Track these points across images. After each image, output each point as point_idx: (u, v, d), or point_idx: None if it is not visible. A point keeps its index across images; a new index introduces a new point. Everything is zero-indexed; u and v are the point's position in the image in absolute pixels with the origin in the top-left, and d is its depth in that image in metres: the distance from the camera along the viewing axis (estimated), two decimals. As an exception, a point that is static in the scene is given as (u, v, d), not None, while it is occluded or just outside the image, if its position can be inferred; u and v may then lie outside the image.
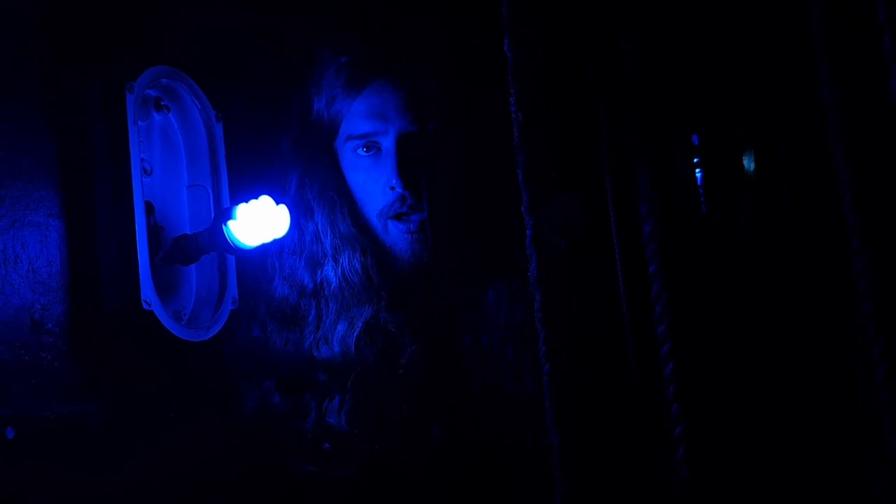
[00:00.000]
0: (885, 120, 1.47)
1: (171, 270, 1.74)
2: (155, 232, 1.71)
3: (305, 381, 1.82)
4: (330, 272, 1.84)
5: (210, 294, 1.78)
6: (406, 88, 1.82)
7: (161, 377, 1.68)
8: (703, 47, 1.91)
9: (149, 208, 1.71)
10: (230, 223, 1.64)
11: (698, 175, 2.35)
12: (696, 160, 2.37)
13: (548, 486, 1.29)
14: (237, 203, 1.68)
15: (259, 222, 1.67)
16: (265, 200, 1.68)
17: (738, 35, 1.90)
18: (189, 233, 1.75)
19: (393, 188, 1.82)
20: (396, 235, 1.85)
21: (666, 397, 1.53)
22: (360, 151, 1.85)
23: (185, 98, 1.77)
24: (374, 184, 1.85)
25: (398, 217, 1.84)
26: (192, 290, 1.78)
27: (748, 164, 2.33)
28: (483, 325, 1.81)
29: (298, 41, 1.87)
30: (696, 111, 1.98)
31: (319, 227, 1.85)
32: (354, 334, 1.80)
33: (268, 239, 1.68)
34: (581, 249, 1.55)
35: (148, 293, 1.60)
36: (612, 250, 1.61)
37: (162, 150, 1.77)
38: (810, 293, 1.91)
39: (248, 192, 1.72)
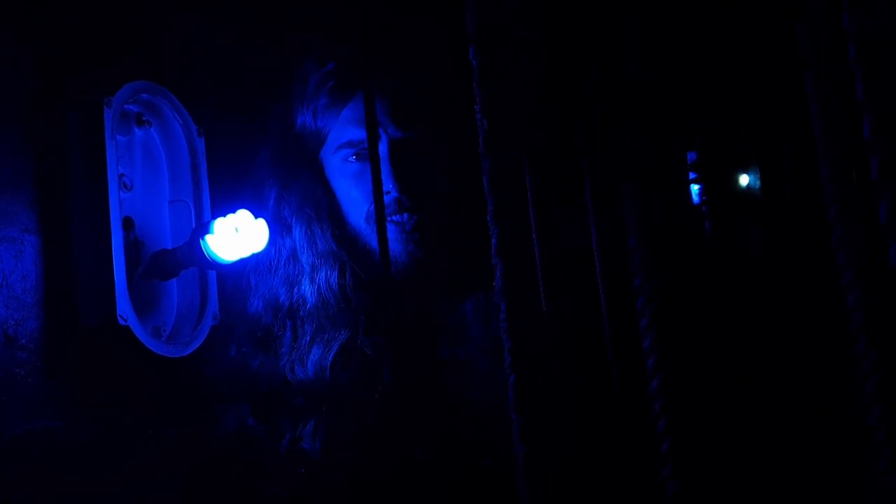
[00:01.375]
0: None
1: (151, 286, 1.73)
2: (135, 247, 1.71)
3: (280, 404, 1.78)
4: (306, 291, 1.80)
5: (191, 310, 1.77)
6: (396, 93, 1.79)
7: (138, 393, 1.67)
8: (706, 50, 1.89)
9: (129, 224, 1.70)
10: (207, 237, 1.63)
11: (695, 190, 2.34)
12: (693, 176, 2.37)
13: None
14: (217, 218, 1.67)
15: (237, 236, 1.65)
16: (243, 214, 1.66)
17: (741, 38, 1.89)
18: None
19: (388, 192, 1.78)
20: (389, 236, 1.78)
21: (653, 412, 1.50)
22: (351, 159, 1.82)
23: (167, 113, 1.76)
24: (363, 190, 1.81)
25: (392, 221, 1.80)
26: (173, 306, 1.77)
27: (747, 171, 2.31)
28: (462, 337, 1.78)
29: (281, 53, 1.86)
30: (698, 114, 1.97)
31: (297, 243, 1.82)
32: (330, 357, 1.76)
33: (246, 253, 1.67)
34: (557, 259, 1.53)
35: (124, 308, 1.59)
36: (592, 260, 1.58)
37: (144, 166, 1.76)
38: (805, 299, 1.88)
39: (230, 208, 1.70)
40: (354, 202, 1.83)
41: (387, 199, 1.79)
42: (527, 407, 1.15)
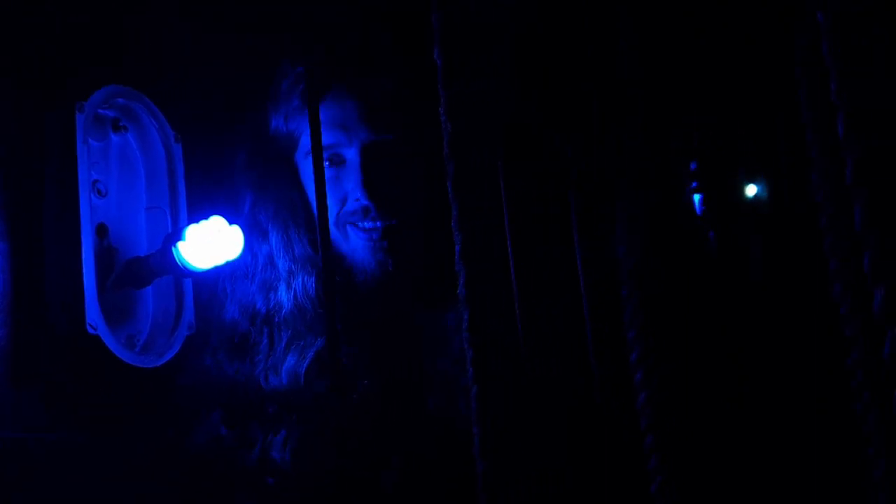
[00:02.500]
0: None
1: (125, 294, 1.69)
2: (108, 254, 1.67)
3: (253, 412, 1.73)
4: (283, 297, 1.76)
5: (166, 319, 1.73)
6: (368, 96, 1.74)
7: (109, 404, 1.63)
8: (704, 47, 1.85)
9: (103, 230, 1.67)
10: (179, 245, 1.60)
11: (698, 198, 2.30)
12: (695, 184, 2.33)
13: None
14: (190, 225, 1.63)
15: (210, 244, 1.61)
16: (216, 221, 1.63)
17: (739, 35, 1.85)
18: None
19: (357, 199, 1.74)
20: (357, 244, 1.76)
21: (640, 427, 1.45)
22: (328, 164, 1.77)
23: (143, 118, 1.73)
24: (334, 194, 1.75)
25: (361, 229, 1.76)
26: (148, 315, 1.73)
27: (754, 180, 2.26)
28: (441, 349, 1.73)
29: (256, 57, 1.82)
30: (696, 111, 1.93)
31: (274, 249, 1.78)
32: (304, 365, 1.71)
33: (220, 261, 1.63)
34: (534, 266, 1.49)
35: (94, 316, 1.55)
36: (575, 267, 1.54)
37: (120, 172, 1.73)
38: (803, 306, 1.82)
39: (207, 214, 1.67)
40: (330, 207, 1.77)
41: (355, 205, 1.75)
42: (489, 421, 1.10)
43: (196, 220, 1.66)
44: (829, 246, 1.46)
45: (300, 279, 1.75)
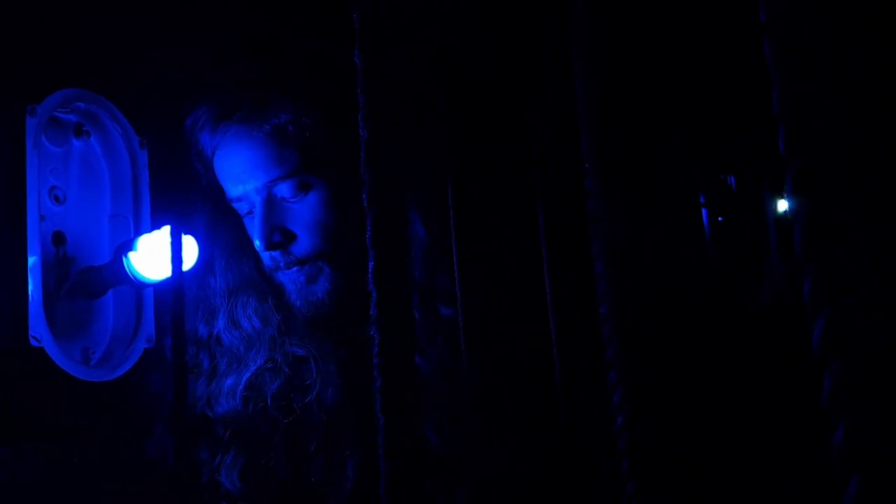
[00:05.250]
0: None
1: (81, 305, 1.63)
2: (65, 264, 1.62)
3: (203, 433, 1.68)
4: (221, 320, 1.73)
5: (126, 331, 1.67)
6: (271, 134, 1.66)
7: (55, 419, 1.57)
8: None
9: (59, 238, 1.62)
10: (131, 255, 1.53)
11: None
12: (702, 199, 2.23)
13: None
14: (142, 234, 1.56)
15: (163, 254, 1.54)
16: (169, 231, 1.55)
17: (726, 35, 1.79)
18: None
19: (260, 249, 1.71)
20: (283, 282, 1.73)
21: (616, 449, 1.34)
22: (243, 211, 1.74)
23: (107, 123, 1.67)
24: (252, 242, 1.74)
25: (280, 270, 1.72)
26: (108, 327, 1.67)
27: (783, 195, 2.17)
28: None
29: (223, 62, 1.75)
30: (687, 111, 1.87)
31: (218, 275, 1.75)
32: (240, 387, 1.67)
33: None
34: (483, 276, 1.39)
35: (38, 328, 1.49)
36: (541, 277, 1.43)
37: (82, 178, 1.68)
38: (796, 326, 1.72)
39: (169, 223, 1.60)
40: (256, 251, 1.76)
41: (264, 255, 1.72)
42: (397, 459, 1.00)
43: (158, 229, 1.60)
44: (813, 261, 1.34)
45: (240, 301, 1.71)
